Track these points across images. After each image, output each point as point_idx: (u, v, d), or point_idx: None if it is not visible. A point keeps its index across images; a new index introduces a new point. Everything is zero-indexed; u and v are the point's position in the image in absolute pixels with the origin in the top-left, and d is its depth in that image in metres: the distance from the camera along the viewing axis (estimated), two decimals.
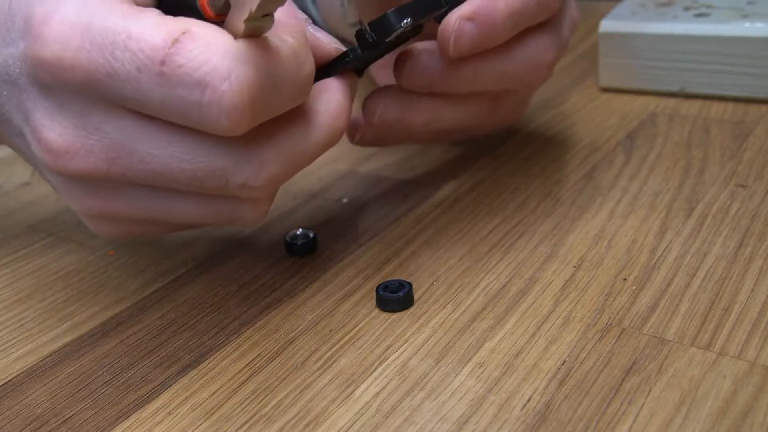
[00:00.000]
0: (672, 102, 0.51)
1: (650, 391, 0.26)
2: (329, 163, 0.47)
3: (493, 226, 0.38)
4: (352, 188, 0.43)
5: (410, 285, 0.32)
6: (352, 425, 0.26)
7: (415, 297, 0.33)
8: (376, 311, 0.32)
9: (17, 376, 0.31)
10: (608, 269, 0.33)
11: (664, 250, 0.34)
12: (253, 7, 0.23)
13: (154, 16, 0.26)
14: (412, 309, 0.32)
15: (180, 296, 0.35)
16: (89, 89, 0.27)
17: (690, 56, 0.50)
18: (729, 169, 0.41)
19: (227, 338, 0.32)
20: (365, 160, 0.46)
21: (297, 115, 0.29)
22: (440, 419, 0.26)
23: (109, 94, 0.26)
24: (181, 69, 0.25)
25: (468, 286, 0.33)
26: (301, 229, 0.38)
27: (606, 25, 0.53)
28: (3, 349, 0.32)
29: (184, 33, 0.25)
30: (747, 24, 0.48)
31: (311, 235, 0.37)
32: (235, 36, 0.25)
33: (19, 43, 0.27)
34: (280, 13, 0.29)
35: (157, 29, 0.25)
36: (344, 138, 0.49)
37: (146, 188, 0.29)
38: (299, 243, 0.37)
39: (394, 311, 0.32)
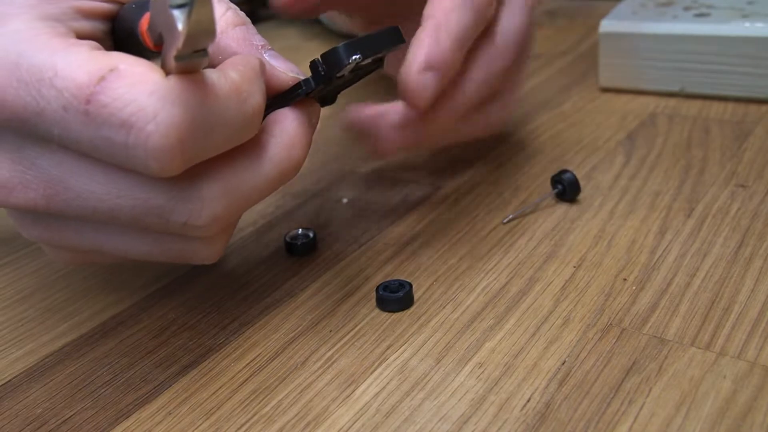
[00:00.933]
0: (672, 102, 0.51)
1: (650, 391, 0.26)
2: (329, 163, 0.47)
3: (493, 226, 0.38)
4: (352, 188, 0.43)
5: (410, 285, 0.33)
6: (352, 425, 0.26)
7: (415, 297, 0.33)
8: (376, 311, 0.32)
9: (17, 376, 0.31)
10: (608, 269, 0.33)
11: (664, 250, 0.34)
12: (180, 44, 0.22)
13: (85, 51, 0.25)
14: (412, 309, 0.32)
15: (180, 296, 0.35)
16: (19, 126, 0.25)
17: (690, 56, 0.50)
18: (729, 169, 0.41)
19: (227, 338, 0.32)
20: (365, 160, 0.46)
21: (244, 148, 0.27)
22: (440, 419, 0.26)
23: (38, 132, 0.25)
24: (105, 109, 0.24)
25: (468, 286, 0.33)
26: (301, 229, 0.38)
27: (606, 25, 0.53)
28: (3, 349, 0.32)
29: (111, 70, 0.24)
30: (747, 24, 0.48)
31: (311, 235, 0.37)
32: (168, 72, 0.24)
33: None
34: (231, 41, 0.28)
35: (83, 66, 0.24)
36: (344, 138, 0.49)
37: (91, 223, 0.28)
38: (299, 243, 0.37)
39: (394, 311, 0.32)
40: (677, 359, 0.28)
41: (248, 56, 0.28)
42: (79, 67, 0.24)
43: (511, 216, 0.38)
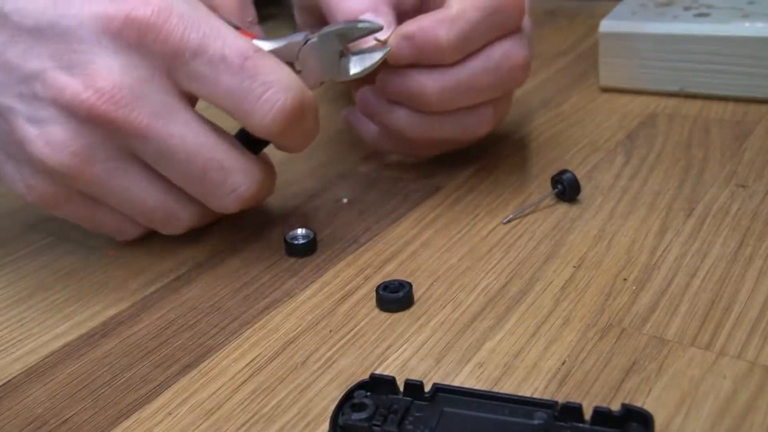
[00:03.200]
0: (672, 102, 0.51)
1: (650, 391, 0.26)
2: (329, 163, 0.47)
3: (493, 226, 0.38)
4: (352, 188, 0.43)
5: (410, 285, 0.32)
6: None
7: (415, 297, 0.33)
8: (376, 311, 0.32)
9: (17, 376, 0.31)
10: (608, 269, 0.33)
11: (664, 250, 0.34)
12: (338, 80, 0.36)
13: (235, 31, 0.33)
14: (412, 309, 0.32)
15: (180, 296, 0.35)
16: (169, 61, 0.32)
17: (690, 56, 0.50)
18: (729, 169, 0.41)
19: (227, 338, 0.32)
20: (365, 160, 0.46)
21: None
22: None
23: (181, 71, 0.32)
24: (257, 68, 0.32)
25: (468, 286, 0.33)
26: (301, 229, 0.38)
27: (606, 25, 0.53)
28: (3, 349, 0.32)
29: (258, 51, 0.32)
30: (747, 24, 0.48)
31: (311, 235, 0.37)
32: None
33: (98, 1, 0.31)
34: (231, 5, 0.37)
35: (242, 38, 0.32)
36: (345, 138, 0.49)
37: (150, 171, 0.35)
38: (299, 243, 0.37)
39: (394, 311, 0.32)
40: (677, 359, 0.28)
41: None
42: (238, 38, 0.32)
43: (511, 216, 0.38)
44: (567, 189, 0.39)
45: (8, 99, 0.32)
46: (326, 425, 0.26)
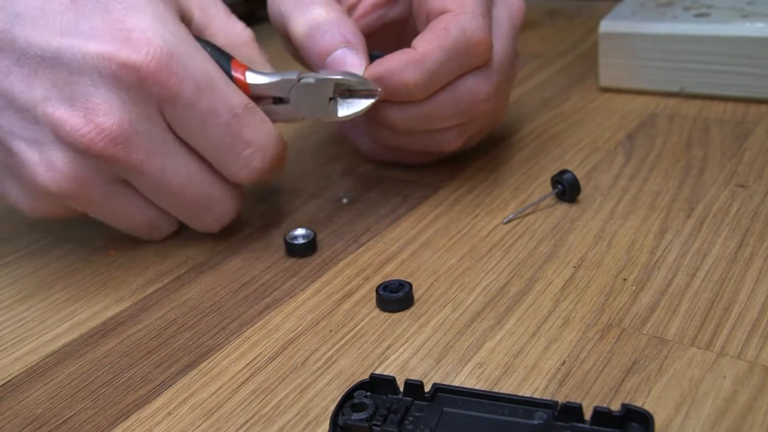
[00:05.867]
0: (672, 102, 0.51)
1: (650, 391, 0.26)
2: (329, 163, 0.47)
3: (493, 226, 0.38)
4: (352, 188, 0.43)
5: (410, 285, 0.32)
6: None
7: (415, 297, 0.33)
8: (376, 311, 0.32)
9: (17, 376, 0.31)
10: (608, 269, 0.33)
11: (664, 250, 0.34)
12: (324, 119, 0.37)
13: (230, 82, 0.34)
14: (412, 309, 0.32)
15: (180, 296, 0.35)
16: (163, 105, 0.33)
17: (690, 56, 0.50)
18: (729, 169, 0.41)
19: (227, 338, 0.32)
20: (365, 161, 0.46)
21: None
22: None
23: (175, 115, 0.33)
24: (245, 128, 0.34)
25: (468, 286, 0.33)
26: (301, 229, 0.38)
27: (606, 25, 0.53)
28: (3, 349, 0.32)
29: (248, 105, 0.34)
30: (747, 24, 0.48)
31: (311, 235, 0.37)
32: (273, 120, 0.36)
33: (101, 40, 0.32)
34: (250, 51, 0.39)
35: (235, 92, 0.34)
36: (344, 138, 0.49)
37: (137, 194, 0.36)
38: (299, 243, 0.37)
39: (394, 311, 0.32)
40: (677, 359, 0.28)
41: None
42: (235, 90, 0.34)
43: (511, 216, 0.38)
44: (567, 189, 0.39)
45: (9, 123, 0.33)
46: (326, 425, 0.26)
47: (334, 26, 0.37)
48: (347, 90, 0.36)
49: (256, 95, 0.36)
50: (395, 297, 0.32)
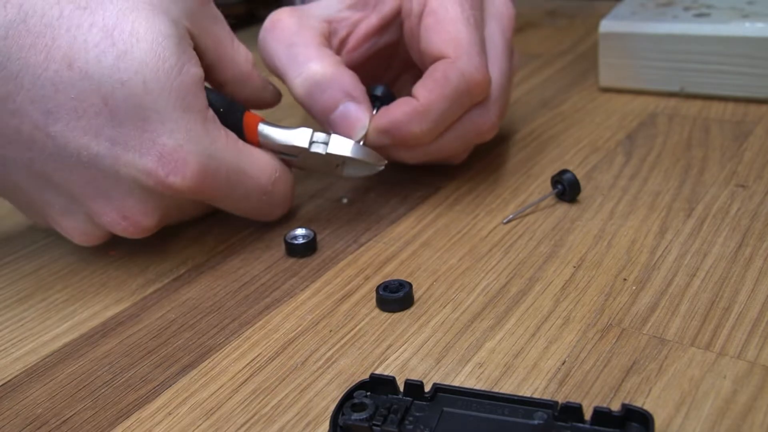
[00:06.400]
0: (672, 102, 0.51)
1: (650, 391, 0.26)
2: None
3: (493, 226, 0.38)
4: (352, 188, 0.43)
5: (410, 285, 0.32)
6: None
7: (415, 297, 0.33)
8: (376, 311, 0.32)
9: (17, 376, 0.31)
10: (608, 269, 0.33)
11: (664, 250, 0.34)
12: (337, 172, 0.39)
13: (257, 154, 0.36)
14: (412, 309, 0.32)
15: (180, 296, 0.35)
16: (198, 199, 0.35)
17: (690, 56, 0.50)
18: (729, 169, 0.41)
19: (227, 338, 0.32)
20: None
21: None
22: None
23: (215, 200, 0.36)
24: (274, 197, 0.37)
25: (468, 286, 0.33)
26: (301, 229, 0.38)
27: (606, 25, 0.53)
28: (3, 349, 0.32)
29: (276, 174, 0.37)
30: (747, 24, 0.48)
31: (311, 235, 0.37)
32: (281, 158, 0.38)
33: (139, 153, 0.32)
34: (254, 77, 0.40)
35: (263, 169, 0.36)
36: None
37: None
38: (299, 243, 0.37)
39: (394, 311, 0.32)
40: (677, 359, 0.28)
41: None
42: (261, 169, 0.36)
43: (511, 216, 0.38)
44: (567, 189, 0.39)
45: (45, 196, 0.35)
46: (326, 425, 0.26)
47: (332, 81, 0.38)
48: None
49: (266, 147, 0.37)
50: (395, 297, 0.32)
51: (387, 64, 0.45)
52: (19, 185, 0.34)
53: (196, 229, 0.40)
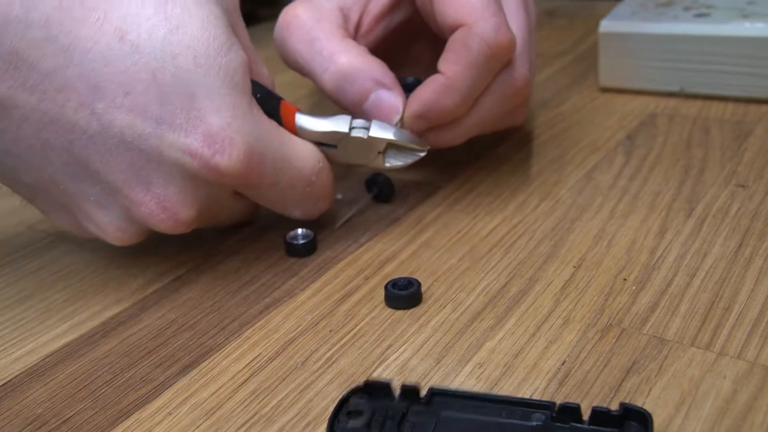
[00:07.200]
0: (672, 102, 0.51)
1: (650, 391, 0.26)
2: None
3: (493, 226, 0.38)
4: (352, 188, 0.43)
5: (419, 283, 0.32)
6: None
7: None
8: (377, 311, 0.32)
9: (17, 376, 0.31)
10: (608, 269, 0.33)
11: (664, 250, 0.34)
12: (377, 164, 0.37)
13: (300, 143, 0.35)
14: (411, 309, 0.32)
15: (180, 296, 0.35)
16: (240, 190, 0.35)
17: (690, 56, 0.50)
18: (729, 169, 0.41)
19: (227, 338, 0.32)
20: None
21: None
22: None
23: (251, 193, 0.35)
24: (317, 189, 0.36)
25: (468, 286, 0.33)
26: (301, 229, 0.38)
27: (606, 25, 0.53)
28: (3, 349, 0.32)
29: (320, 165, 0.36)
30: (747, 24, 0.48)
31: (311, 235, 0.37)
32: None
33: (185, 132, 0.31)
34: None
35: (307, 159, 0.35)
36: None
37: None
38: (299, 243, 0.37)
39: (402, 308, 0.32)
40: (677, 359, 0.28)
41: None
42: (304, 159, 0.35)
43: (342, 221, 0.40)
44: (382, 190, 0.41)
45: (81, 187, 0.33)
46: (326, 425, 0.26)
47: (361, 71, 0.38)
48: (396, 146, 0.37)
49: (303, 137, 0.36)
50: (405, 293, 0.32)
51: (407, 44, 0.45)
52: (54, 178, 0.32)
53: (197, 229, 0.40)
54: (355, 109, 0.38)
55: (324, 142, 0.36)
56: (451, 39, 0.37)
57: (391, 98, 0.37)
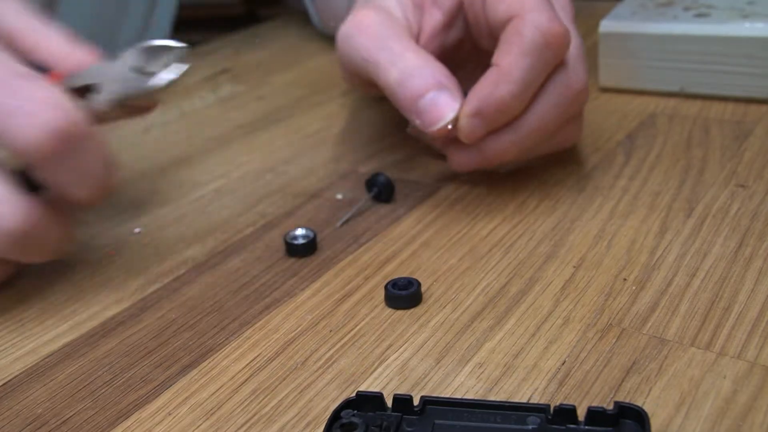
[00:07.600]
0: (672, 102, 0.51)
1: (650, 391, 0.26)
2: (329, 163, 0.47)
3: (493, 226, 0.38)
4: (352, 188, 0.43)
5: (419, 282, 0.32)
6: None
7: None
8: (377, 311, 0.32)
9: (17, 376, 0.31)
10: (608, 269, 0.33)
11: (664, 250, 0.34)
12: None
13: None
14: (411, 309, 0.32)
15: (180, 296, 0.35)
16: None
17: (690, 56, 0.50)
18: (729, 169, 0.41)
19: (227, 338, 0.32)
20: (365, 160, 0.46)
21: None
22: None
23: None
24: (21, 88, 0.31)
25: (468, 286, 0.33)
26: (301, 229, 0.38)
27: (606, 25, 0.53)
28: (3, 349, 0.32)
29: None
30: (747, 24, 0.48)
31: (311, 235, 0.37)
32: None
33: None
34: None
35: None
36: (345, 138, 0.49)
37: None
38: (299, 243, 0.37)
39: (402, 308, 0.32)
40: (677, 359, 0.28)
41: None
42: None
43: (342, 221, 0.39)
44: (382, 191, 0.41)
45: None
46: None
47: (425, 69, 0.37)
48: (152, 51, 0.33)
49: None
50: (406, 294, 0.32)
51: (455, 64, 0.43)
52: None
53: (197, 229, 0.40)
54: (411, 105, 0.37)
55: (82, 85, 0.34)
56: (503, 33, 0.37)
57: (448, 98, 0.37)
